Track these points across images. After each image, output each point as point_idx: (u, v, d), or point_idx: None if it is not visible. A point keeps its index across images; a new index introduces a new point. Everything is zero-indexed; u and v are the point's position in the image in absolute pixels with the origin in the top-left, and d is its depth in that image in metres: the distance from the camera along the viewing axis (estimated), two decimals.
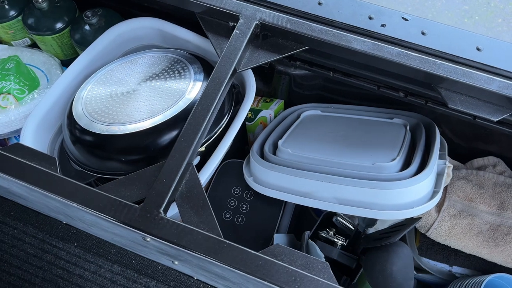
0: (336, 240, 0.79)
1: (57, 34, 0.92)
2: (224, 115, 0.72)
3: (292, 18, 0.69)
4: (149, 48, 0.85)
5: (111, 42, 0.83)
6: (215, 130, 0.70)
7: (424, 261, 0.87)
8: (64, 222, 0.97)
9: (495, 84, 0.62)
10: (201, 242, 0.52)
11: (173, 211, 0.59)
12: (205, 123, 0.60)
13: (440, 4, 2.14)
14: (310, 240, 0.68)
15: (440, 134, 0.91)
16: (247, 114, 0.99)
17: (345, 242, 0.79)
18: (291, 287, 0.50)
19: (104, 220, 0.55)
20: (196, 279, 0.94)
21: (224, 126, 0.72)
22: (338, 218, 0.84)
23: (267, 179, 0.77)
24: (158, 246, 0.58)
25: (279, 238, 0.73)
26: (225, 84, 0.63)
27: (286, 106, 1.01)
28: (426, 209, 0.67)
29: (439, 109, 0.81)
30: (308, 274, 0.51)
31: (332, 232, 0.81)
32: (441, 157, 0.78)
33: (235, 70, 0.66)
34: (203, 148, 0.70)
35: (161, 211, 0.54)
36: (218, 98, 0.62)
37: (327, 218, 0.86)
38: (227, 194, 0.84)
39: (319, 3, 0.70)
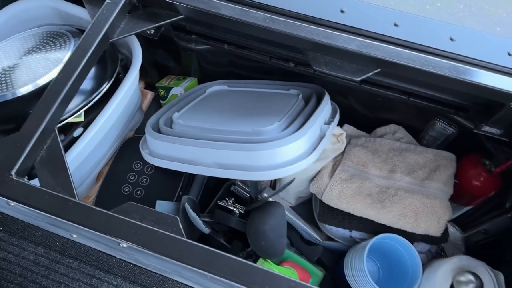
0: (234, 209, 0.81)
1: None
2: (103, 82, 0.73)
3: None
4: None
5: (5, 23, 0.84)
6: (93, 97, 0.71)
7: (327, 228, 0.89)
8: None
9: (354, 44, 0.64)
10: (48, 202, 0.53)
11: None
12: (65, 90, 0.60)
13: None
14: (186, 204, 0.69)
15: (347, 105, 0.93)
16: (160, 93, 1.01)
17: (242, 210, 0.81)
18: (131, 239, 0.51)
19: None
20: (119, 259, 0.95)
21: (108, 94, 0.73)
22: (236, 186, 0.86)
23: (159, 150, 0.78)
24: (21, 210, 0.59)
25: (160, 205, 0.74)
26: (91, 51, 0.64)
27: (201, 84, 1.02)
28: (298, 169, 0.68)
29: (327, 77, 0.82)
30: (150, 227, 0.52)
31: (231, 201, 0.82)
32: (329, 122, 0.80)
33: (106, 39, 0.67)
34: (82, 118, 0.70)
35: (13, 173, 0.55)
36: (82, 65, 0.63)
37: (229, 188, 0.88)
38: (127, 169, 0.85)
39: None
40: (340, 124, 0.95)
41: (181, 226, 0.54)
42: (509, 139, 0.70)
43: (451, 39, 0.64)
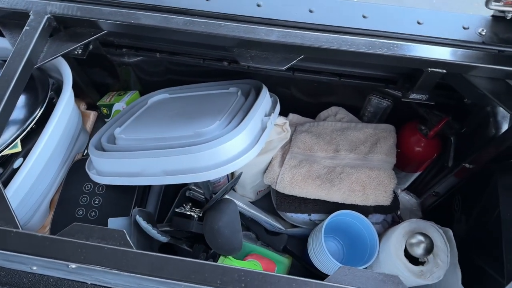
0: (192, 213, 0.81)
1: None
2: (36, 108, 0.72)
3: (82, 5, 0.70)
4: None
5: None
6: (26, 125, 0.70)
7: (288, 216, 0.91)
8: None
9: (274, 35, 0.66)
10: None
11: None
12: None
13: None
14: (137, 217, 0.69)
15: (289, 95, 0.96)
16: (103, 111, 1.00)
17: (200, 213, 0.81)
18: (77, 259, 0.51)
19: None
20: (90, 284, 0.94)
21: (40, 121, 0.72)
22: (191, 191, 0.86)
23: (105, 168, 0.77)
24: None
25: (113, 223, 0.73)
26: (15, 80, 0.63)
27: (142, 96, 1.01)
28: (243, 163, 0.69)
29: (261, 71, 0.84)
30: (97, 244, 0.52)
31: (188, 207, 0.83)
32: (269, 114, 0.82)
33: (30, 65, 0.66)
34: (19, 148, 0.69)
35: None
36: (7, 95, 0.62)
37: (184, 194, 0.88)
38: (78, 192, 0.84)
39: None
40: (286, 114, 0.98)
41: (128, 238, 0.54)
42: (435, 102, 0.74)
43: (364, 17, 0.67)
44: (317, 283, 0.50)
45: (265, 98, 0.82)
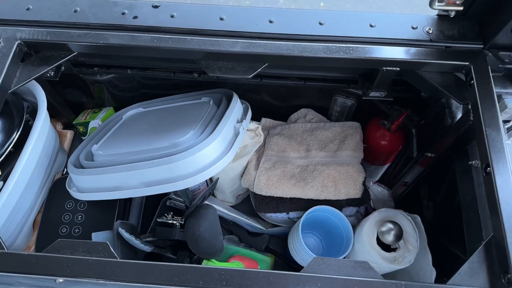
0: (174, 222, 0.84)
1: None
2: (12, 132, 0.74)
3: (51, 30, 0.72)
4: None
5: None
6: (4, 149, 0.72)
7: (267, 216, 0.95)
8: None
9: (238, 46, 0.70)
10: None
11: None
12: None
13: None
14: (119, 229, 0.71)
15: (260, 100, 1.00)
16: (79, 129, 1.02)
17: (182, 221, 0.84)
18: (64, 273, 0.53)
19: None
20: None
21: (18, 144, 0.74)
22: (172, 200, 0.89)
23: (85, 185, 0.79)
24: None
25: (96, 237, 0.76)
26: None
27: (117, 112, 1.04)
28: (218, 169, 0.73)
29: (229, 80, 0.88)
30: (82, 257, 0.55)
31: (170, 216, 0.85)
32: (241, 121, 0.85)
33: (4, 91, 0.68)
34: None
35: None
36: None
37: (165, 203, 0.91)
38: (61, 210, 0.86)
39: (75, 11, 0.74)
40: (258, 118, 1.02)
41: (112, 249, 0.57)
42: (393, 98, 0.79)
43: (320, 24, 0.72)
44: (293, 274, 0.54)
45: (236, 106, 0.86)
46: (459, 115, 0.76)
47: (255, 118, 0.98)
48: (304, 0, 2.46)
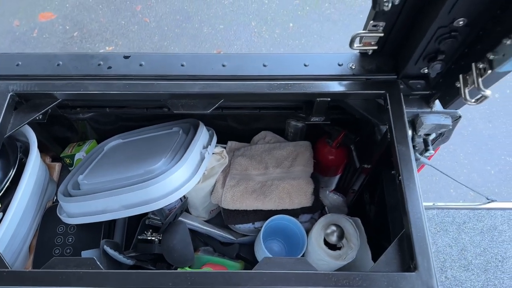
0: (153, 238, 0.97)
1: None
2: (9, 170, 0.86)
3: (38, 82, 0.86)
4: None
5: None
6: (2, 185, 0.84)
7: (236, 227, 1.09)
8: None
9: (197, 87, 0.85)
10: None
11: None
12: None
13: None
14: (105, 247, 0.84)
15: (226, 126, 1.14)
16: (66, 161, 1.15)
17: (160, 237, 0.97)
18: (59, 284, 0.66)
19: None
20: None
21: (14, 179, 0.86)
22: (149, 219, 1.02)
23: (73, 210, 0.92)
24: None
25: (85, 254, 0.88)
26: None
27: (99, 143, 1.17)
28: (186, 190, 0.87)
29: (195, 113, 1.03)
30: (73, 271, 0.68)
31: (149, 233, 0.98)
32: (207, 146, 1.00)
33: (0, 136, 0.81)
34: None
35: None
36: None
37: (144, 223, 1.04)
38: (53, 234, 0.99)
39: (58, 65, 0.88)
40: (225, 141, 1.16)
41: (98, 263, 0.70)
42: (331, 121, 0.95)
43: (264, 65, 0.87)
44: (245, 272, 0.68)
45: (202, 133, 1.00)
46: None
47: (223, 141, 1.12)
48: (274, 21, 2.66)
